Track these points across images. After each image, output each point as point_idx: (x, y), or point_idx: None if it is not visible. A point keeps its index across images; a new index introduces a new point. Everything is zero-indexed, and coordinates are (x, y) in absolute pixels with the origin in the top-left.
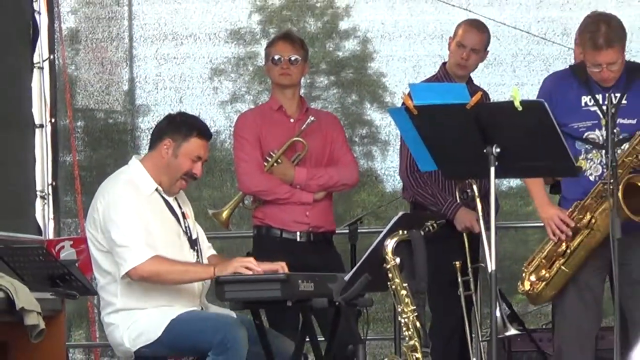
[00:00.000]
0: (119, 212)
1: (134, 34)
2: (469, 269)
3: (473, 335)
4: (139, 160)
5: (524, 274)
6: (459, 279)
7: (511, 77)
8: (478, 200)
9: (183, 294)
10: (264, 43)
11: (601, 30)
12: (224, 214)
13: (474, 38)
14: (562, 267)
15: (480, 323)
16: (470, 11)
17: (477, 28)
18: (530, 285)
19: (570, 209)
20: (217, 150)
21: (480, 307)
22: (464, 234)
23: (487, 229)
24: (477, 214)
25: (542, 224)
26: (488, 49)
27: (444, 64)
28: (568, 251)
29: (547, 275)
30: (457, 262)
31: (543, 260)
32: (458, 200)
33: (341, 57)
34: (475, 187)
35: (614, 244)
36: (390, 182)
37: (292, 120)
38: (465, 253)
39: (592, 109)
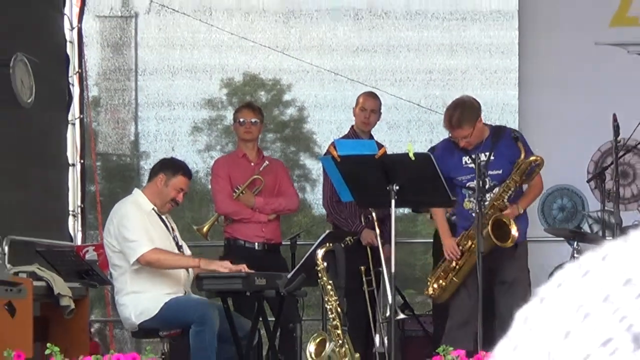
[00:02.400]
0: (128, 220)
1: (139, 101)
2: (371, 272)
3: (376, 318)
4: (139, 190)
5: (428, 283)
6: (364, 279)
7: (406, 137)
8: (376, 223)
9: (174, 282)
10: (230, 109)
11: (455, 114)
12: (205, 229)
13: (372, 103)
14: (454, 278)
15: (381, 310)
16: (378, 89)
17: (372, 96)
18: (433, 290)
19: (459, 237)
20: (196, 184)
21: (382, 298)
22: (367, 247)
23: (385, 243)
24: (376, 233)
25: (424, 240)
26: (381, 111)
27: (352, 126)
28: (457, 267)
29: (443, 284)
30: (363, 267)
31: (441, 273)
32: (362, 223)
33: (284, 120)
34: (374, 214)
35: (479, 255)
36: (318, 209)
37: (252, 164)
38: (369, 261)
39: (470, 165)
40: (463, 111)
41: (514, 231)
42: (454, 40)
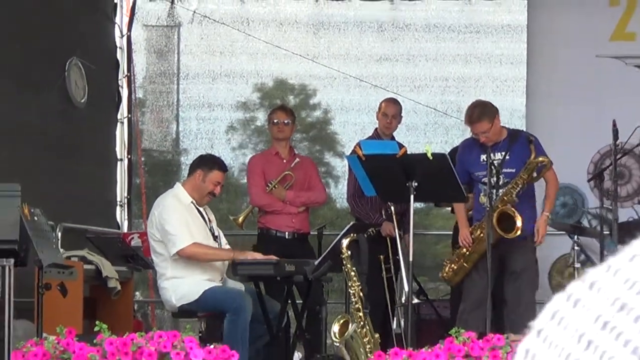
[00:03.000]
0: (169, 214)
1: (180, 102)
2: (390, 260)
3: (394, 302)
4: (180, 184)
5: (444, 265)
6: (383, 267)
7: (423, 138)
8: (394, 216)
9: (212, 269)
10: (261, 111)
11: (475, 111)
12: (240, 219)
13: (393, 109)
14: (464, 264)
15: (399, 295)
16: (399, 94)
17: (393, 102)
18: (446, 273)
19: (472, 227)
20: (231, 179)
21: (400, 284)
22: (387, 238)
23: (404, 233)
24: (394, 225)
25: (436, 232)
26: (402, 115)
27: (376, 129)
28: (468, 253)
29: (455, 267)
30: (382, 256)
31: (455, 258)
32: (383, 216)
33: (310, 121)
34: (392, 208)
35: (489, 245)
36: (340, 202)
37: (284, 161)
38: (388, 250)
39: (486, 163)
40: (483, 108)
41: (519, 223)
42: (468, 51)
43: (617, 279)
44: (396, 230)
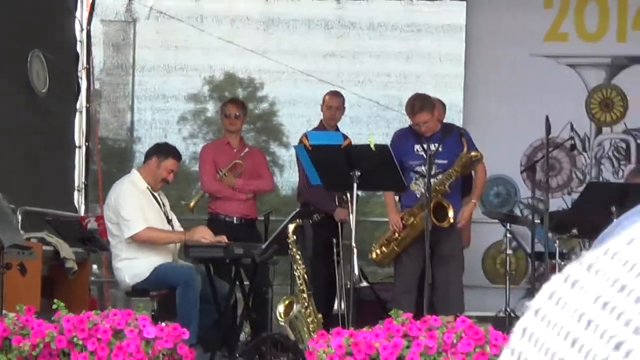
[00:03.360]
0: (125, 199)
1: (136, 94)
2: (340, 245)
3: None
4: (136, 170)
5: (372, 248)
6: (335, 250)
7: (366, 130)
8: (349, 203)
9: (164, 251)
10: (211, 103)
11: (417, 102)
12: (191, 204)
13: (336, 101)
14: (395, 247)
15: (344, 278)
16: (344, 89)
17: (336, 95)
18: (376, 255)
19: (403, 212)
20: (182, 166)
21: (344, 268)
22: (339, 224)
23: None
24: (349, 211)
25: (375, 219)
26: (345, 106)
27: (321, 120)
28: (399, 238)
29: (385, 250)
30: (335, 239)
31: (385, 242)
32: (336, 203)
33: (258, 113)
34: (349, 195)
35: (427, 232)
36: (285, 190)
37: (234, 150)
38: (339, 235)
39: (420, 153)
40: (423, 101)
41: (451, 213)
42: (410, 48)
43: (615, 262)
44: (352, 216)
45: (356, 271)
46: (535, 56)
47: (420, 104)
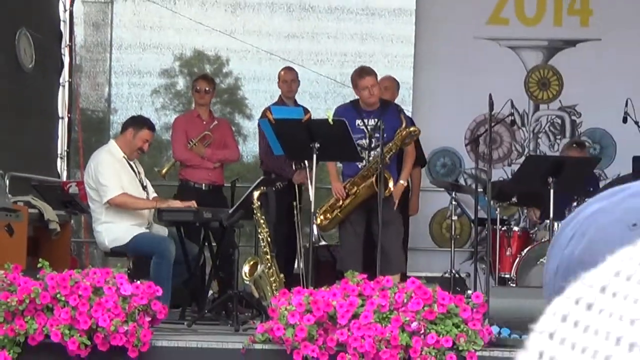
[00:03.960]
0: (104, 167)
1: (113, 69)
2: (299, 208)
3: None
4: (113, 140)
5: (316, 214)
6: (295, 212)
7: (324, 105)
8: (308, 173)
9: (140, 215)
10: (181, 78)
11: (362, 69)
12: (163, 171)
13: (290, 75)
14: (338, 214)
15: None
16: (304, 66)
17: (289, 69)
18: (320, 221)
19: (346, 182)
20: (154, 136)
21: (301, 230)
22: (296, 187)
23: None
24: (307, 174)
25: (328, 186)
26: (299, 80)
27: (280, 95)
28: (342, 205)
29: (329, 216)
30: (294, 202)
31: (329, 208)
32: (294, 168)
33: (224, 88)
34: (307, 164)
35: (380, 199)
36: (247, 158)
37: (204, 122)
38: (296, 197)
39: (361, 127)
40: (367, 68)
41: (391, 185)
42: (364, 30)
43: (632, 283)
44: (312, 186)
45: (315, 232)
46: (478, 39)
47: (367, 69)
